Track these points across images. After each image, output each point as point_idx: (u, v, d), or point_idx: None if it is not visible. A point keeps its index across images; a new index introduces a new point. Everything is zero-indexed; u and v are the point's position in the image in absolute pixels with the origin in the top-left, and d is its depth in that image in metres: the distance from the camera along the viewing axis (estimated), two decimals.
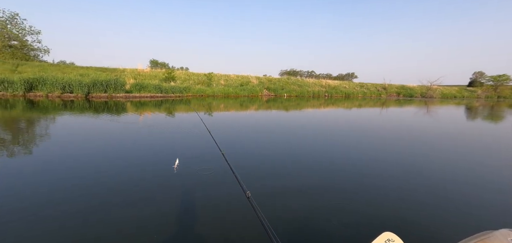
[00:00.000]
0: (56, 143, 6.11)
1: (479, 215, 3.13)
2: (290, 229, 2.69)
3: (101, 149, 5.60)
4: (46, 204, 3.06)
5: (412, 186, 3.94)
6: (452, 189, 3.89)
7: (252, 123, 10.35)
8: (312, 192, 3.62)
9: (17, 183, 3.68)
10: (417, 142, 7.38)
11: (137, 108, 13.68)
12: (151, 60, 45.09)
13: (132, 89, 20.21)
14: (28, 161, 4.69)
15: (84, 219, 2.76)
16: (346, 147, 6.48)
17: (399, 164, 5.15)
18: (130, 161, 4.76)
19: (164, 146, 5.92)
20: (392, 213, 3.11)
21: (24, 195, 3.31)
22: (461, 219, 3.04)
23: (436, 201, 3.45)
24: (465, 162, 5.45)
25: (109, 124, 8.69)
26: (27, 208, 2.95)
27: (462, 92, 48.25)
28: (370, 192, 3.66)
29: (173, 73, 26.56)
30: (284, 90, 31.04)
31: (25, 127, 7.85)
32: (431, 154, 5.97)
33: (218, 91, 25.56)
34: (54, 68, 23.55)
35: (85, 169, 4.25)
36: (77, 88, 17.66)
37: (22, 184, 3.62)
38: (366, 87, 41.73)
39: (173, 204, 3.15)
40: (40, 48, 30.40)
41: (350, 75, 69.40)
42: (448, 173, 4.65)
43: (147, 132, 7.61)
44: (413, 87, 45.51)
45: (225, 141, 6.68)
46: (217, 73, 31.78)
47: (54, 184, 3.62)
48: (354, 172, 4.54)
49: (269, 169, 4.55)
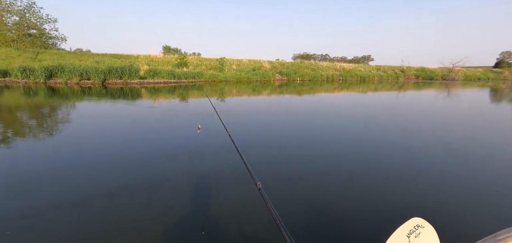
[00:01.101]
0: (86, 127, 6.44)
1: None
2: (301, 219, 2.66)
3: (118, 134, 5.78)
4: (87, 183, 3.21)
5: (442, 172, 3.79)
6: (487, 177, 3.68)
7: (264, 108, 10.29)
8: (326, 180, 3.56)
9: (60, 165, 3.91)
10: (444, 127, 7.09)
11: (151, 94, 13.91)
12: (164, 46, 45.24)
13: (146, 75, 20.51)
14: (71, 145, 4.93)
15: (109, 200, 2.92)
16: (363, 132, 6.33)
17: (424, 149, 4.97)
18: (147, 147, 4.88)
19: (174, 135, 6.01)
20: (420, 200, 3.01)
21: (67, 176, 3.52)
22: (497, 209, 2.86)
23: (470, 189, 3.31)
24: (500, 149, 5.09)
25: (130, 109, 8.91)
26: (78, 190, 3.11)
27: (487, 74, 45.56)
28: (391, 179, 3.56)
29: (186, 58, 26.64)
30: (297, 75, 30.50)
31: (64, 113, 8.20)
32: (459, 140, 5.72)
33: (230, 76, 25.49)
34: (71, 56, 24.21)
35: (110, 153, 4.46)
36: (94, 75, 18.12)
37: (65, 165, 3.85)
38: (383, 70, 40.26)
39: (185, 190, 3.21)
40: (57, 37, 31.22)
41: (366, 58, 67.16)
42: (481, 159, 4.42)
43: (162, 118, 7.76)
44: (433, 70, 43.44)
45: (237, 128, 6.70)
46: (229, 58, 31.58)
47: (87, 164, 3.86)
48: (372, 157, 4.44)
49: (281, 156, 4.51)
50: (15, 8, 26.89)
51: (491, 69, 51.06)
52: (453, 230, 2.46)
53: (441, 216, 2.68)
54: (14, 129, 6.23)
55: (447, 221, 2.59)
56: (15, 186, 3.28)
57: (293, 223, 2.52)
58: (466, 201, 2.99)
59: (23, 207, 2.80)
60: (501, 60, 53.91)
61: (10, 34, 27.39)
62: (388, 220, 2.57)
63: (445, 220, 2.61)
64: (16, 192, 3.11)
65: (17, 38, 27.44)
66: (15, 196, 3.01)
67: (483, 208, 2.86)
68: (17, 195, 3.05)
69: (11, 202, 2.89)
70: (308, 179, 3.56)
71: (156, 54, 29.72)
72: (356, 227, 2.50)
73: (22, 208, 2.77)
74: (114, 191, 3.10)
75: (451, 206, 2.85)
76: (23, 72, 17.11)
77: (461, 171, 3.87)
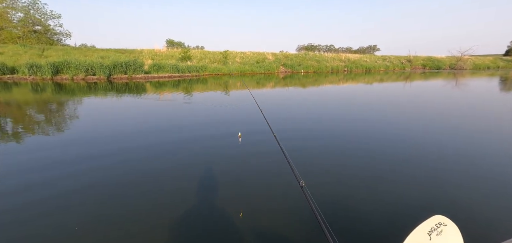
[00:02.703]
0: (109, 121, 6.56)
1: None
2: (342, 217, 2.66)
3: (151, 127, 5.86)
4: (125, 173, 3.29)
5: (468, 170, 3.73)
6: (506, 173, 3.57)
7: (299, 102, 10.25)
8: (369, 176, 3.56)
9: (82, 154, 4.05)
10: (466, 120, 7.01)
11: (156, 88, 13.96)
12: (167, 40, 44.98)
13: (151, 70, 20.54)
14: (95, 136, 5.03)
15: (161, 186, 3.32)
16: (394, 127, 6.28)
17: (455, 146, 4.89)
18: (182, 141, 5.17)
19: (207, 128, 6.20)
20: (448, 196, 2.98)
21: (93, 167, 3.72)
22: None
23: (495, 187, 3.22)
24: None
25: (161, 105, 8.98)
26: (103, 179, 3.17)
27: (497, 62, 44.42)
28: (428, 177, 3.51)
29: (189, 52, 26.56)
30: (301, 67, 30.17)
31: (82, 108, 8.32)
32: (485, 134, 5.55)
33: (234, 69, 25.37)
34: (76, 52, 24.36)
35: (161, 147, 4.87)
36: (99, 70, 18.23)
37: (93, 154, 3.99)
38: (389, 60, 39.55)
39: (227, 181, 3.43)
40: (62, 32, 31.38)
41: (372, 48, 66.02)
42: (505, 156, 4.29)
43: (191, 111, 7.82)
44: (441, 59, 42.49)
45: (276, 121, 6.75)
46: (232, 51, 31.35)
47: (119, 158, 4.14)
48: (414, 153, 4.38)
49: (322, 153, 4.51)
50: (20, 4, 27.07)
51: (501, 57, 49.72)
52: (479, 229, 2.39)
53: (466, 214, 2.63)
54: (29, 124, 6.35)
55: (473, 219, 2.53)
56: (30, 179, 3.41)
57: (334, 221, 2.53)
58: (493, 199, 2.91)
59: (38, 200, 2.92)
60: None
61: (15, 31, 27.65)
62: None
63: (470, 218, 2.55)
64: (26, 186, 3.19)
65: (22, 35, 27.67)
66: (26, 190, 3.09)
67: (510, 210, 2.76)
68: (27, 188, 3.13)
69: (27, 194, 2.98)
70: (351, 176, 3.56)
71: (159, 49, 29.69)
72: (397, 226, 2.46)
73: (37, 201, 2.89)
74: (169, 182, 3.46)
75: (478, 205, 2.79)
76: (30, 69, 17.31)
77: (490, 168, 3.76)
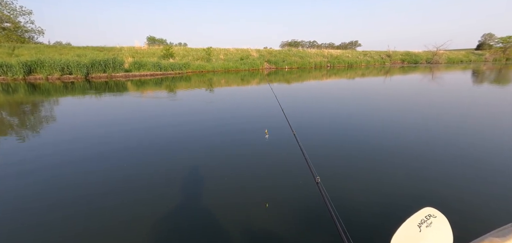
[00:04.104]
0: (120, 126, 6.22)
1: None
2: (357, 214, 2.65)
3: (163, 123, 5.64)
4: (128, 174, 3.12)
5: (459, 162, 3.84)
6: (500, 168, 3.67)
7: (318, 96, 10.23)
8: (384, 173, 3.61)
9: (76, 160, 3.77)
10: (454, 115, 7.17)
11: (138, 87, 13.56)
12: (148, 37, 43.94)
13: (131, 68, 19.92)
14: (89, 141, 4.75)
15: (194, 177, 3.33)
16: (394, 122, 6.40)
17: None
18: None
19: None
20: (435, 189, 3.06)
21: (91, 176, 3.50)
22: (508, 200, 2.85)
23: (484, 179, 3.32)
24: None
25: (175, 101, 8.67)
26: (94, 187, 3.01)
27: (469, 56, 46.83)
28: None
29: (172, 49, 25.98)
30: (285, 63, 30.35)
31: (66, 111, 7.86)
32: (474, 128, 5.69)
33: (218, 66, 25.10)
34: (51, 50, 23.15)
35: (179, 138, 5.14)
36: (76, 69, 17.43)
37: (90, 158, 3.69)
38: (370, 56, 40.66)
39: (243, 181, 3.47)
40: (34, 30, 29.68)
41: (353, 43, 67.58)
42: (493, 149, 4.41)
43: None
44: (418, 53, 44.20)
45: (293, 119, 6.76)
46: (216, 47, 31.03)
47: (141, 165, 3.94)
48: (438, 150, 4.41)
49: (338, 149, 4.56)
50: None
51: (473, 51, 52.46)
52: (467, 221, 2.46)
53: (456, 206, 2.69)
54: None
55: (462, 211, 2.60)
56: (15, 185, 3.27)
57: (348, 218, 2.54)
58: (482, 192, 3.00)
59: (20, 206, 2.82)
60: (483, 42, 55.40)
61: None
62: None
63: (460, 210, 2.62)
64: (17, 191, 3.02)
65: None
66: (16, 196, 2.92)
67: (499, 199, 2.84)
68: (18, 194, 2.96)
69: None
70: (367, 173, 3.60)
71: (140, 46, 28.87)
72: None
73: (18, 208, 2.79)
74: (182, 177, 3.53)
75: (467, 197, 2.87)
76: (0, 69, 16.27)
77: (479, 161, 3.87)
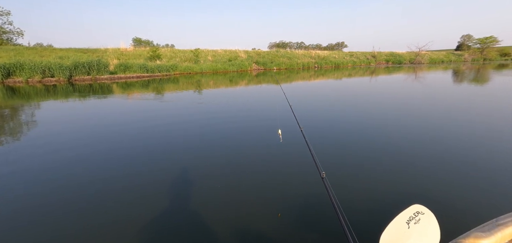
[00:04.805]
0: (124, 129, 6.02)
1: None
2: (363, 212, 2.71)
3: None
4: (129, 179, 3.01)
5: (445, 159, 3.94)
6: (486, 164, 3.78)
7: (325, 94, 10.24)
8: (389, 172, 3.66)
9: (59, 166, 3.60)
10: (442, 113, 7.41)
11: (124, 89, 13.27)
12: (134, 38, 42.99)
13: (117, 70, 19.45)
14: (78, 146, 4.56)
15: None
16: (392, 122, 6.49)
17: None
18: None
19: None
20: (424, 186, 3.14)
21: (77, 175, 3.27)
22: (496, 195, 2.93)
23: (470, 175, 3.41)
24: (496, 135, 5.14)
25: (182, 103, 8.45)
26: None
27: (449, 57, 48.70)
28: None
29: (158, 51, 25.58)
30: (273, 64, 30.51)
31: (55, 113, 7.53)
32: (456, 125, 5.89)
33: (206, 68, 24.92)
34: (31, 52, 22.25)
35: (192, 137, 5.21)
36: (58, 71, 16.84)
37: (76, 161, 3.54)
38: (356, 56, 41.52)
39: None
40: (12, 31, 28.45)
41: (340, 44, 68.78)
42: (479, 146, 4.53)
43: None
44: (402, 54, 45.52)
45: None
46: (204, 49, 30.78)
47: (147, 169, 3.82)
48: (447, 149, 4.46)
49: (344, 147, 4.65)
50: None
51: (453, 52, 54.58)
52: (453, 216, 2.53)
53: (445, 202, 2.76)
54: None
55: (448, 207, 2.68)
56: None
57: (353, 214, 2.60)
58: (466, 187, 3.10)
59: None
60: (462, 43, 57.71)
61: None
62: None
63: (447, 206, 2.70)
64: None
65: None
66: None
67: (484, 194, 2.95)
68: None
69: None
70: (372, 170, 3.67)
71: (126, 48, 28.23)
72: None
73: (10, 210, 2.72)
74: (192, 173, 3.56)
75: (453, 192, 2.96)
76: None
77: (462, 157, 4.00)
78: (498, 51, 50.02)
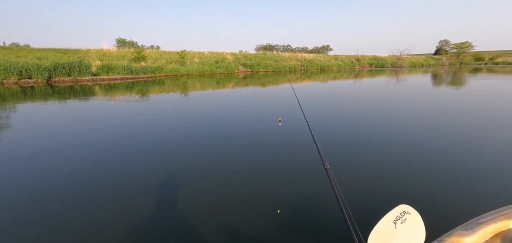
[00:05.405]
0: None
1: (499, 190, 3.08)
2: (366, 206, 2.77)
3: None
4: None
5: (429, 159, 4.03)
6: (469, 163, 3.87)
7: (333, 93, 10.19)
8: (393, 166, 3.79)
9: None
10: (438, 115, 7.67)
11: (107, 91, 12.87)
12: (118, 39, 41.92)
13: (99, 71, 18.85)
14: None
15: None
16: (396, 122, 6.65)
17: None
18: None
19: None
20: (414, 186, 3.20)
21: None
22: (480, 193, 3.01)
23: (455, 174, 3.48)
24: (479, 134, 5.34)
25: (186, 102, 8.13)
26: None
27: (428, 61, 50.89)
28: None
29: (143, 52, 25.05)
30: (260, 66, 30.64)
31: None
32: (438, 125, 6.08)
33: (193, 70, 24.64)
34: (6, 52, 21.21)
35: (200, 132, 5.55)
36: (36, 73, 16.07)
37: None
38: (341, 60, 42.48)
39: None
40: None
41: (326, 48, 70.05)
42: (462, 145, 4.64)
43: None
44: (384, 58, 47.08)
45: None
46: (190, 51, 30.49)
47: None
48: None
49: (348, 141, 4.93)
50: None
51: (432, 56, 57.05)
52: (438, 215, 2.58)
53: (429, 202, 2.82)
54: None
55: (434, 206, 2.74)
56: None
57: (356, 206, 2.72)
58: (454, 188, 3.14)
59: None
60: (440, 48, 60.46)
61: None
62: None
63: (432, 205, 2.76)
64: None
65: None
66: None
67: (467, 193, 3.03)
68: None
69: None
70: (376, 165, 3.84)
71: (109, 48, 27.47)
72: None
73: None
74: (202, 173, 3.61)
75: (440, 194, 3.01)
76: None
77: (446, 157, 4.09)
78: (473, 55, 52.80)
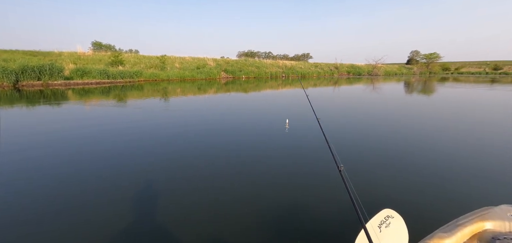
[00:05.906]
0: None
1: (479, 191, 3.23)
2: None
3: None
4: None
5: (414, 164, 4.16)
6: (452, 165, 4.03)
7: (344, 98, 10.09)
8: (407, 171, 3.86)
9: None
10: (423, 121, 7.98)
11: (81, 96, 12.24)
12: (94, 42, 39.93)
13: (73, 75, 17.93)
14: None
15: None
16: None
17: None
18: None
19: None
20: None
21: None
22: (459, 195, 3.13)
23: (435, 178, 3.59)
24: (459, 138, 5.59)
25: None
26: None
27: (401, 70, 53.82)
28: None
29: (121, 56, 24.17)
30: (242, 72, 30.69)
31: None
32: (428, 132, 6.28)
33: (173, 75, 24.12)
34: None
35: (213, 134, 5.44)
36: (2, 76, 14.95)
37: None
38: (320, 67, 43.68)
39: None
40: None
41: (306, 55, 71.70)
42: (443, 150, 4.80)
43: None
44: (361, 66, 49.09)
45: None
46: (171, 55, 29.90)
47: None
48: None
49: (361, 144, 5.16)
50: None
51: (404, 65, 60.37)
52: (420, 218, 2.63)
53: (411, 206, 2.90)
54: None
55: (417, 210, 2.81)
56: None
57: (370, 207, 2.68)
58: (435, 191, 3.24)
59: None
60: (411, 58, 64.20)
61: None
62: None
63: (415, 209, 2.84)
64: None
65: None
66: None
67: (447, 196, 3.14)
68: None
69: None
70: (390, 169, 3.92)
71: (84, 51, 26.28)
72: (428, 217, 2.60)
73: None
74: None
75: (422, 197, 3.11)
76: None
77: (424, 163, 4.20)
78: (441, 65, 56.86)
